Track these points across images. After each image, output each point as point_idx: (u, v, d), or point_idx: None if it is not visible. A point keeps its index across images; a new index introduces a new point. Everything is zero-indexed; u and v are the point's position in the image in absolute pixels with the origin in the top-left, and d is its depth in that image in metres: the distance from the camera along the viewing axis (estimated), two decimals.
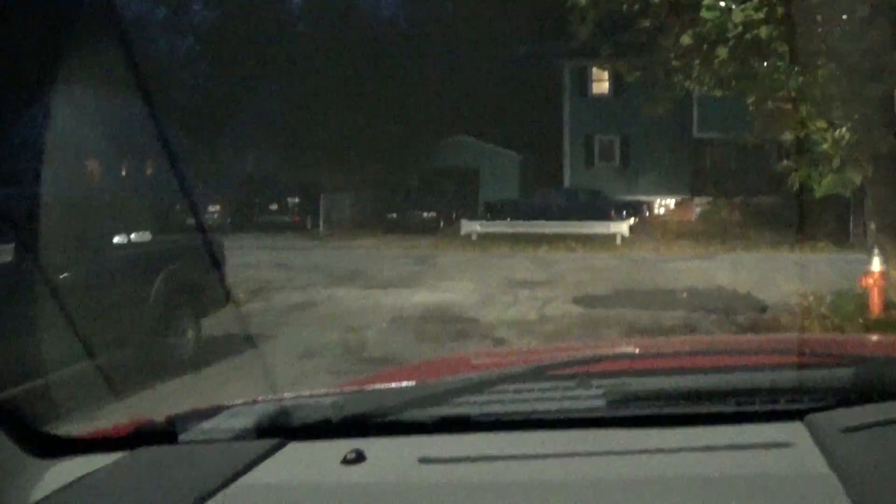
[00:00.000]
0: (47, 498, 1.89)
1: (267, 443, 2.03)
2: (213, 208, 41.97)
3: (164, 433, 2.13)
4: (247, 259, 24.85)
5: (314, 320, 16.93)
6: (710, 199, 44.16)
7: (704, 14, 12.23)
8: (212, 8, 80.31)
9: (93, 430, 2.34)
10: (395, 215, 41.18)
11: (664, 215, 46.13)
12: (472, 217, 41.79)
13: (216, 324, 13.59)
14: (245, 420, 2.15)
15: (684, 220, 44.12)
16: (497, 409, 2.13)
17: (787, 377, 2.23)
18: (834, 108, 14.97)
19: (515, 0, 57.94)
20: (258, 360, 12.30)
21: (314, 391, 2.45)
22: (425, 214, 40.55)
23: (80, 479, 1.95)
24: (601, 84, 48.24)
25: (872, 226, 16.02)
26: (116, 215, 13.77)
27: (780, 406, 2.07)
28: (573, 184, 47.15)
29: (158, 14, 78.74)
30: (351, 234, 38.74)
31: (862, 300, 15.86)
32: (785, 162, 32.84)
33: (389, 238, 37.72)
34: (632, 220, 38.00)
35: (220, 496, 1.79)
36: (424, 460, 1.91)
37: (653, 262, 27.82)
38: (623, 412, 2.09)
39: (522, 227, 35.82)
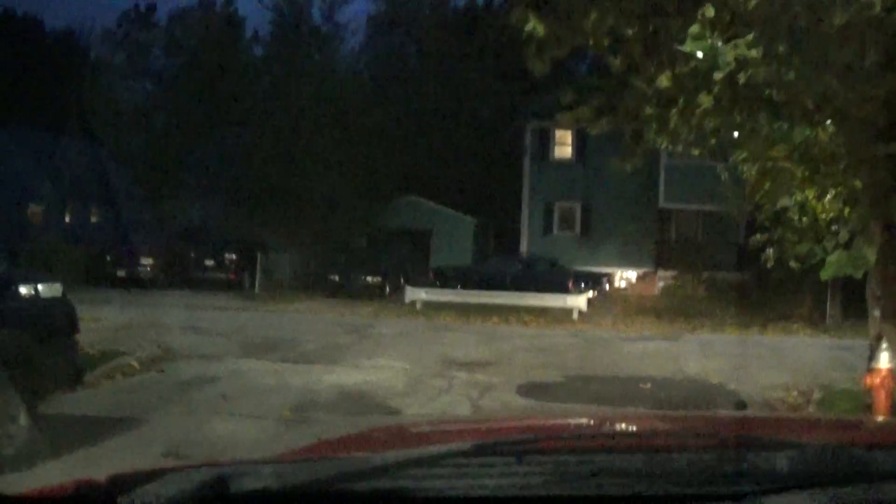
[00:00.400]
0: None
1: None
2: (146, 261, 39.34)
3: (104, 495, 2.07)
4: (164, 319, 23.36)
5: (204, 402, 14.07)
6: (675, 272, 41.71)
7: (689, 46, 9.43)
8: (172, 55, 79.69)
9: (39, 488, 2.22)
10: (337, 278, 38.33)
11: (625, 288, 43.66)
12: (423, 282, 39.21)
13: (78, 403, 11.96)
14: (182, 485, 2.07)
15: (647, 294, 41.75)
16: (437, 484, 2.13)
17: (727, 460, 2.29)
18: (841, 170, 12.22)
19: (482, 59, 56.74)
20: (104, 457, 9.50)
21: (257, 458, 2.51)
22: (370, 279, 37.81)
23: None
24: (564, 148, 46.06)
25: (876, 312, 13.17)
26: None
27: (719, 490, 2.08)
28: (531, 252, 44.61)
29: (117, 59, 79.03)
30: (289, 296, 35.96)
31: (859, 399, 13.46)
32: (758, 236, 30.84)
33: (330, 302, 34.97)
34: (591, 293, 35.43)
35: None
36: None
37: (612, 341, 25.27)
38: (560, 491, 2.10)
39: (472, 296, 33.16)
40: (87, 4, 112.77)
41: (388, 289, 37.05)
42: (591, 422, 4.02)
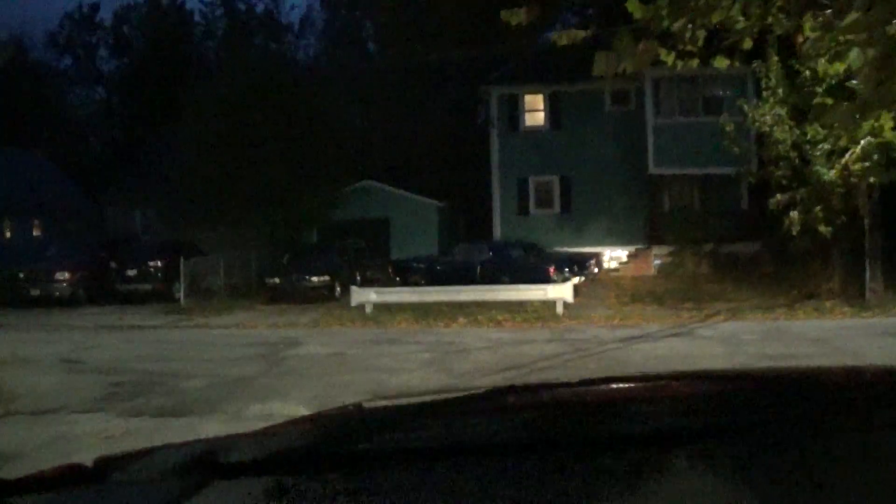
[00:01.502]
0: None
1: (192, 481, 2.00)
2: (62, 277, 34.42)
3: (93, 475, 2.11)
4: (44, 349, 20.77)
5: None
6: (672, 248, 36.04)
7: None
8: (119, 56, 75.55)
9: (28, 474, 2.16)
10: (277, 281, 32.70)
11: (617, 270, 37.99)
12: (382, 279, 34.39)
13: None
14: (171, 460, 2.13)
15: (642, 274, 36.41)
16: (420, 441, 2.18)
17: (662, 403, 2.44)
18: None
19: (442, 32, 51.52)
20: None
21: (241, 432, 2.40)
22: (316, 279, 31.98)
23: None
24: (535, 115, 40.75)
25: None
26: None
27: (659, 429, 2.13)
28: (505, 235, 39.45)
29: (64, 63, 77.07)
30: (221, 307, 30.68)
31: None
32: (778, 196, 25.24)
33: (267, 311, 29.58)
34: (577, 280, 29.72)
35: None
36: (350, 492, 1.96)
37: (608, 343, 19.72)
38: (539, 439, 2.14)
39: (433, 293, 27.43)
40: (29, 7, 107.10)
41: (338, 290, 31.13)
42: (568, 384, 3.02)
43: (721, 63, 8.40)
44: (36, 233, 50.14)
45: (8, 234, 49.42)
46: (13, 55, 63.97)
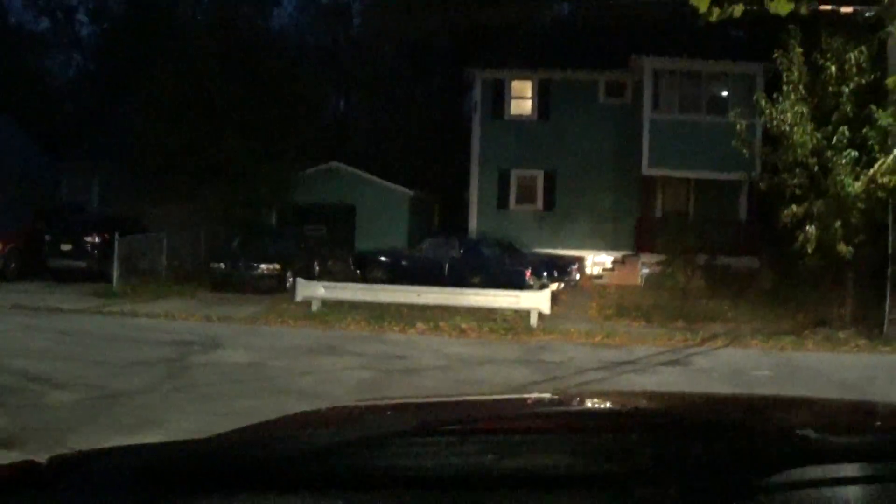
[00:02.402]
0: None
1: (148, 494, 1.98)
2: None
3: (44, 476, 2.08)
4: None
5: None
6: (661, 257, 32.62)
7: None
8: (99, 21, 72.47)
9: None
10: (222, 266, 29.35)
11: (601, 277, 34.70)
12: (346, 273, 30.84)
13: None
14: (120, 468, 2.09)
15: (627, 284, 33.04)
16: (378, 464, 2.12)
17: (611, 440, 2.29)
18: None
19: (429, 9, 48.21)
20: None
21: (195, 439, 2.34)
22: (264, 268, 28.67)
23: None
24: (522, 103, 37.22)
25: None
26: None
27: (607, 468, 2.10)
28: (481, 231, 35.95)
29: (42, 26, 72.80)
30: (158, 292, 27.54)
31: None
32: (794, 208, 22.04)
33: (207, 300, 26.48)
34: (555, 286, 26.37)
35: None
36: None
37: (587, 369, 16.51)
38: (500, 470, 2.09)
39: (389, 293, 23.99)
40: None
41: (290, 280, 27.67)
42: (545, 401, 3.51)
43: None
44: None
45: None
46: None
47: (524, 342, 20.21)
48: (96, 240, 30.88)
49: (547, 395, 4.45)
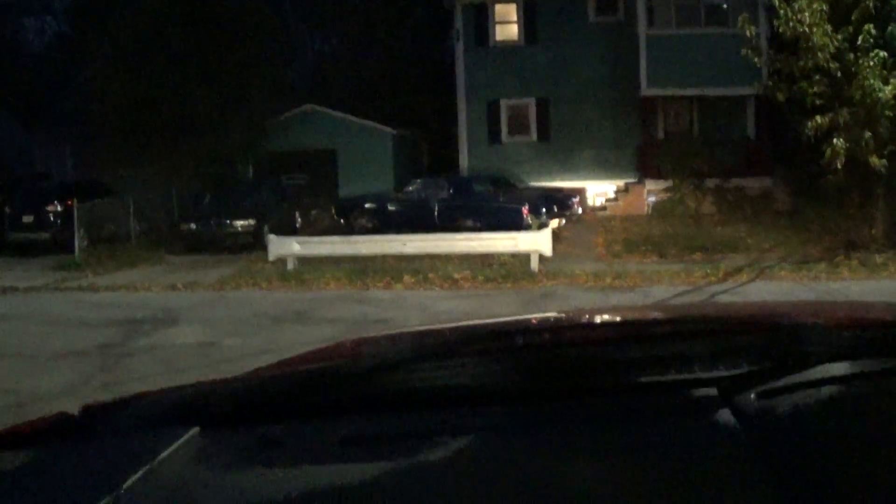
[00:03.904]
0: None
1: (180, 431, 1.95)
2: None
3: (79, 426, 2.04)
4: None
5: None
6: (668, 182, 30.30)
7: None
8: None
9: (13, 424, 2.10)
10: (193, 227, 27.19)
11: (604, 209, 32.34)
12: (330, 224, 28.78)
13: None
14: (157, 409, 2.07)
15: (633, 214, 30.99)
16: (418, 384, 2.10)
17: (703, 346, 2.24)
18: None
19: None
20: None
21: (228, 377, 2.27)
22: (238, 224, 26.49)
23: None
24: (507, 27, 34.90)
25: None
26: None
27: (695, 374, 2.05)
28: (473, 168, 33.71)
29: None
30: (124, 259, 25.42)
31: None
32: (818, 119, 19.68)
33: (176, 264, 24.42)
34: (556, 223, 24.09)
35: (131, 488, 1.76)
36: (346, 441, 1.89)
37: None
38: (542, 385, 2.10)
39: (371, 244, 21.64)
40: None
41: (268, 237, 25.31)
42: (573, 314, 3.45)
43: None
44: None
45: None
46: None
47: (525, 290, 17.98)
48: (59, 209, 28.61)
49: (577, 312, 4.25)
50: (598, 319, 3.17)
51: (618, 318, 3.21)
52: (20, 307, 18.57)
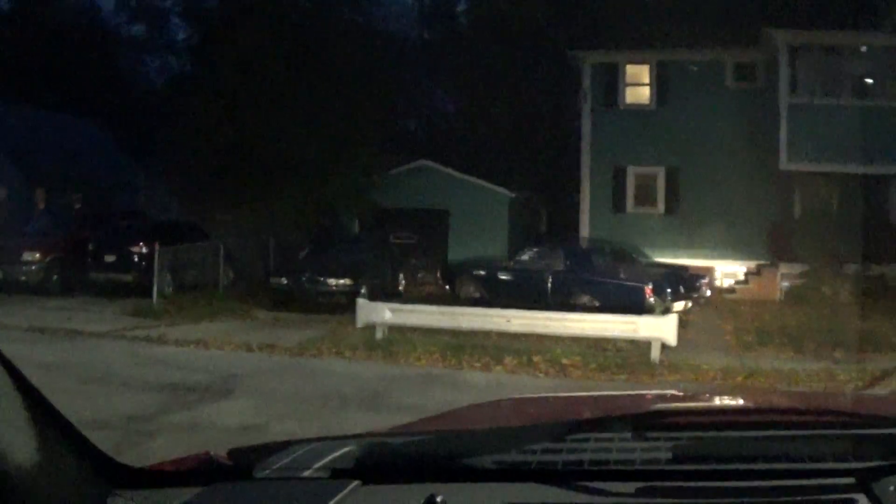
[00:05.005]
0: None
1: (342, 484, 2.10)
2: (31, 256, 27.82)
3: (234, 469, 2.24)
4: None
5: None
6: (804, 266, 27.83)
7: None
8: (194, 24, 70.26)
9: (162, 462, 2.39)
10: (283, 281, 25.49)
11: (733, 291, 30.12)
12: (434, 288, 27.47)
13: None
14: (318, 459, 2.21)
15: (764, 299, 28.49)
16: (572, 457, 2.26)
17: (845, 438, 2.37)
18: None
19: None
20: None
21: (385, 431, 2.61)
22: (332, 283, 24.79)
23: None
24: (638, 90, 32.98)
25: None
26: None
27: (838, 465, 2.19)
28: (595, 237, 31.62)
29: (137, 30, 70.44)
30: (204, 311, 23.87)
31: None
32: None
33: (260, 321, 23.07)
34: (682, 305, 21.92)
35: None
36: None
37: None
38: (686, 467, 2.22)
39: (470, 317, 19.70)
40: None
41: (366, 297, 23.52)
42: (709, 399, 3.69)
43: None
44: (77, 206, 43.16)
45: (41, 206, 42.36)
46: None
47: (643, 384, 15.74)
48: (143, 250, 27.14)
49: (709, 393, 5.02)
50: (743, 403, 3.42)
51: (760, 404, 3.40)
52: (72, 355, 17.17)
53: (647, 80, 32.49)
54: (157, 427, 11.23)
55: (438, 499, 1.97)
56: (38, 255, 27.69)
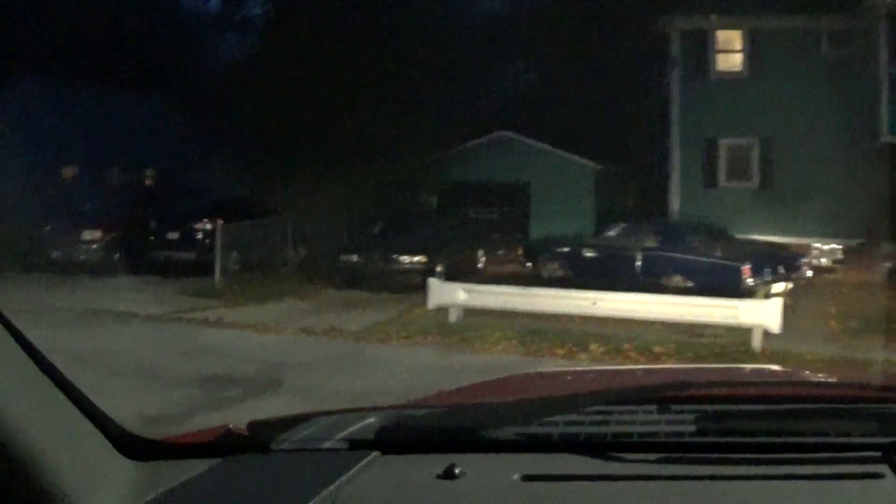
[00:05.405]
0: (156, 499, 1.98)
1: (360, 455, 2.10)
2: (91, 237, 27.59)
3: (252, 441, 2.22)
4: None
5: None
6: None
7: None
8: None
9: (178, 435, 2.38)
10: (354, 259, 24.85)
11: (832, 271, 28.47)
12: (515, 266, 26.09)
13: None
14: (337, 431, 2.22)
15: (866, 280, 26.25)
16: (594, 430, 2.26)
17: (869, 411, 2.40)
18: None
19: None
20: None
21: (404, 404, 2.53)
22: (405, 260, 23.96)
23: (183, 483, 2.04)
24: (730, 57, 31.45)
25: None
26: None
27: (863, 440, 2.19)
28: (684, 213, 30.49)
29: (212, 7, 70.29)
30: (271, 291, 23.33)
31: None
32: None
33: (325, 302, 22.35)
34: (782, 287, 20.78)
35: None
36: (527, 478, 2.00)
37: None
38: (710, 439, 2.22)
39: (552, 298, 18.32)
40: None
41: (442, 276, 22.48)
42: (733, 373, 3.75)
43: None
44: (147, 183, 44.20)
45: (115, 183, 42.49)
46: None
47: None
48: (208, 226, 26.72)
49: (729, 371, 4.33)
50: (775, 379, 3.36)
51: (792, 380, 3.36)
52: (113, 342, 16.32)
53: (739, 47, 31.11)
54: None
55: (457, 469, 1.96)
56: (98, 233, 27.41)
